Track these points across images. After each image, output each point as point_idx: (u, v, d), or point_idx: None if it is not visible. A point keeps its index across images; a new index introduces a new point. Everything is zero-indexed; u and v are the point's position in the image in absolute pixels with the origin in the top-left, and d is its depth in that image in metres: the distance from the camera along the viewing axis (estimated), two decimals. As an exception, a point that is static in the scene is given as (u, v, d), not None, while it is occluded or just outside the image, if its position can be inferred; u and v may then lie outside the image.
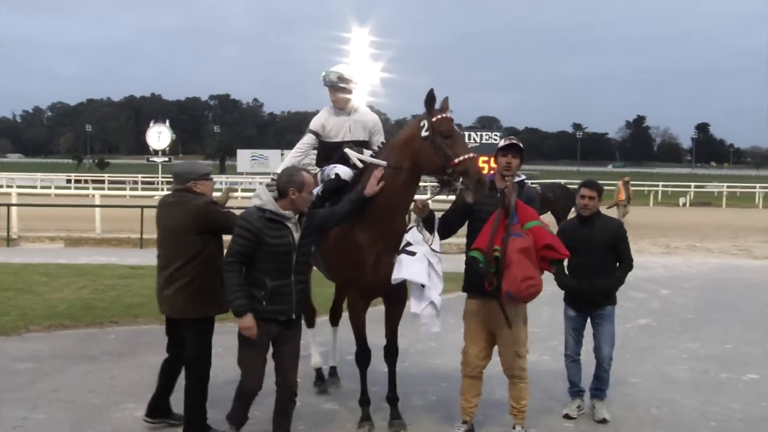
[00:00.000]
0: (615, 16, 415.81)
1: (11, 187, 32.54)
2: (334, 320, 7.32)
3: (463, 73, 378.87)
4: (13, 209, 18.62)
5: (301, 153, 6.63)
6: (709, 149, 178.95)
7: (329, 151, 6.53)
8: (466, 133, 29.59)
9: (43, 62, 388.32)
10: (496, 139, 29.00)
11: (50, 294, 11.08)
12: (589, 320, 6.28)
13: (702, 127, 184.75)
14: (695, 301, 12.01)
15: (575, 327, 6.30)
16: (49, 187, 42.19)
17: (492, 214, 5.34)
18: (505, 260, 5.12)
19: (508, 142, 5.68)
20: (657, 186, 51.20)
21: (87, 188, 41.73)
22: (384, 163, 5.63)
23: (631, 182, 27.64)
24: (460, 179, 5.25)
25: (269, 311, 5.02)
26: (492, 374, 5.97)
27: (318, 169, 6.56)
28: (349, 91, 6.61)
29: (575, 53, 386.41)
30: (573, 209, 17.38)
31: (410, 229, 5.61)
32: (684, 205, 44.19)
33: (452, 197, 5.66)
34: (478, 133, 29.94)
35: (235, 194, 27.69)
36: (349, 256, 5.76)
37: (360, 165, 6.07)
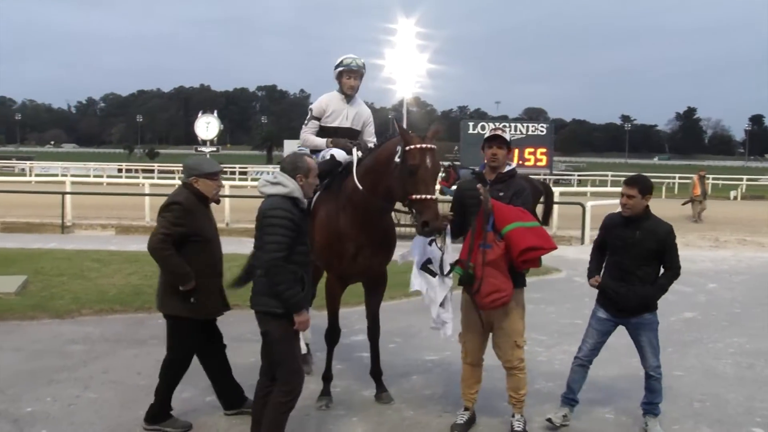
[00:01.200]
0: (665, 5, 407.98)
1: (66, 176, 33.23)
2: None
3: (510, 65, 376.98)
4: (68, 197, 19.08)
5: (312, 132, 6.81)
6: (763, 142, 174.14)
7: (322, 134, 6.77)
8: (513, 125, 29.53)
9: (95, 55, 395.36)
10: (542, 131, 28.87)
11: (102, 279, 11.36)
12: (626, 330, 5.85)
13: (756, 119, 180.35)
14: (743, 295, 11.79)
15: (600, 330, 5.79)
16: (102, 176, 43.21)
17: (480, 209, 5.38)
18: (476, 273, 5.26)
19: (492, 133, 5.63)
20: (707, 179, 50.30)
21: (137, 177, 42.58)
22: None
23: (680, 175, 27.08)
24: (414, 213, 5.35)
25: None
26: (490, 365, 5.93)
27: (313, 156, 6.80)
28: (360, 81, 6.83)
29: (623, 44, 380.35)
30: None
31: (431, 241, 5.68)
32: (735, 198, 43.31)
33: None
34: (525, 125, 29.81)
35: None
36: (334, 245, 5.94)
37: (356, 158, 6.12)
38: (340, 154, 6.34)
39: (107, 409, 6.00)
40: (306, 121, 6.86)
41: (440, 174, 16.87)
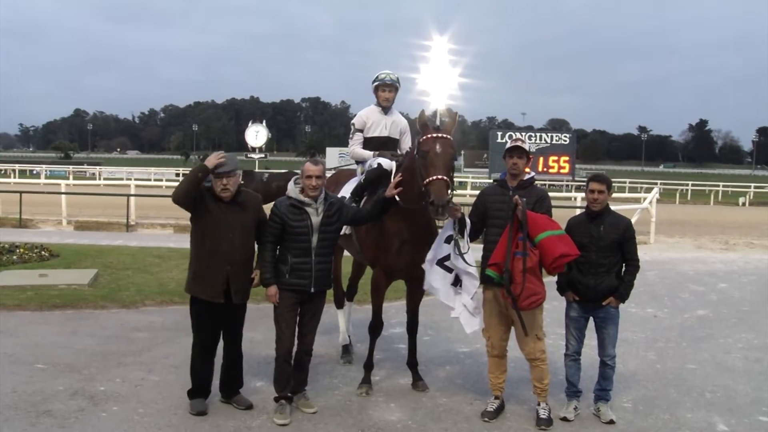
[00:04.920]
0: (677, 23, 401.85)
1: (130, 179, 33.74)
2: (350, 296, 7.75)
3: (535, 78, 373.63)
4: (132, 199, 19.37)
5: (359, 144, 6.89)
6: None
7: (365, 144, 6.85)
8: (537, 134, 29.35)
9: (156, 69, 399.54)
10: (566, 140, 28.67)
11: (162, 274, 11.53)
12: (592, 321, 5.79)
13: (763, 131, 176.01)
14: (751, 294, 11.61)
15: (577, 327, 5.80)
16: (161, 180, 43.76)
17: (504, 213, 5.46)
18: (512, 278, 5.29)
19: (513, 144, 5.69)
20: (717, 186, 49.53)
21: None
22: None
23: (692, 183, 26.62)
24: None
25: (291, 283, 5.49)
26: (519, 357, 5.94)
27: (358, 167, 6.90)
28: (394, 94, 6.90)
29: (641, 58, 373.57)
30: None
31: (448, 236, 5.69)
32: (743, 204, 42.58)
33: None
34: (549, 135, 29.61)
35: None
36: (379, 241, 6.04)
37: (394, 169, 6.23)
38: (386, 163, 6.40)
39: (169, 390, 6.08)
40: (351, 135, 6.93)
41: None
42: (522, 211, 5.29)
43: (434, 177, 5.31)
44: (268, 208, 5.71)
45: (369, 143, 6.83)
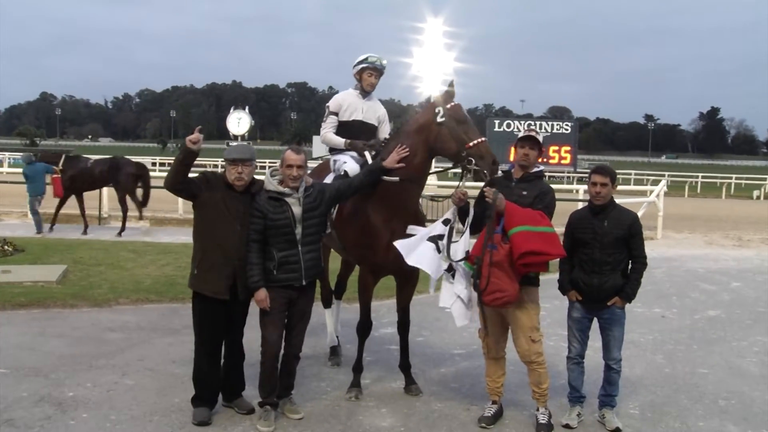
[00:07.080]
0: (687, 5, 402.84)
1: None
2: (338, 294, 7.71)
3: (535, 63, 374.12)
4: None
5: (331, 128, 6.83)
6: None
7: (340, 128, 6.81)
8: (537, 123, 29.36)
9: (131, 52, 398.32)
10: (567, 129, 28.71)
11: (137, 270, 11.48)
12: (596, 322, 5.77)
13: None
14: (767, 294, 11.64)
15: (580, 328, 5.77)
16: (136, 169, 43.45)
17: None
18: (479, 271, 5.30)
19: (527, 133, 5.71)
20: (730, 178, 49.74)
21: (171, 171, 42.70)
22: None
23: (703, 175, 26.69)
24: (473, 162, 5.55)
25: (280, 279, 5.44)
26: (518, 360, 5.89)
27: (331, 158, 6.83)
28: (378, 80, 6.87)
29: (647, 43, 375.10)
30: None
31: (448, 223, 5.70)
32: (758, 198, 42.74)
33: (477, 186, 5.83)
34: (549, 123, 29.63)
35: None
36: (364, 236, 6.02)
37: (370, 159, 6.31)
38: (352, 169, 6.32)
39: (144, 395, 6.05)
40: (324, 118, 6.87)
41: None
42: (493, 201, 5.28)
43: (481, 139, 5.63)
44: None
45: (344, 128, 6.75)
